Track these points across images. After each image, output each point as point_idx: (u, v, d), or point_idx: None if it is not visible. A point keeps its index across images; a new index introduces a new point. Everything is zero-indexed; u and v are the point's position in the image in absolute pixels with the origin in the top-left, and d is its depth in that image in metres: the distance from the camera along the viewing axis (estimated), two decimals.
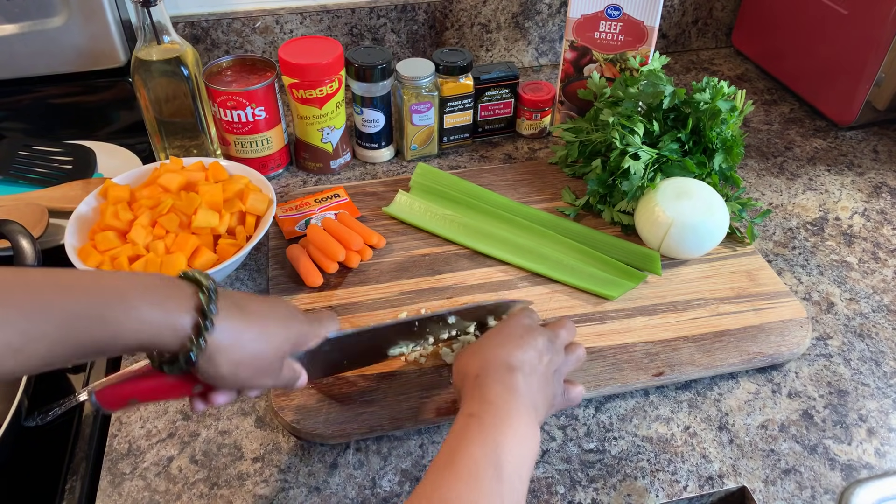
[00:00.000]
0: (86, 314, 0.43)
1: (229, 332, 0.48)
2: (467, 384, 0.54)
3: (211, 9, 1.05)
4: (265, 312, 0.53)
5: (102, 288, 0.44)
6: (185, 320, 0.46)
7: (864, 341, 0.76)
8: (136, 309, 0.44)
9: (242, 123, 0.89)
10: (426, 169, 0.90)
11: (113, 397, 0.51)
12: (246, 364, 0.50)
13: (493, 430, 0.49)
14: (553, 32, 1.20)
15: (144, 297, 0.45)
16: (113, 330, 0.44)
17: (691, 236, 0.78)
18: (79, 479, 0.62)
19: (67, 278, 0.44)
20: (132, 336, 0.44)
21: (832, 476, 0.63)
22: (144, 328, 0.45)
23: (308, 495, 0.61)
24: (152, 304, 0.45)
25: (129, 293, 0.44)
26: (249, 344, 0.50)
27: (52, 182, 0.89)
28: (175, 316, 0.46)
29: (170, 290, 0.47)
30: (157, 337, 0.45)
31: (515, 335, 0.57)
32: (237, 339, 0.49)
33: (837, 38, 1.03)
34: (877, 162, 1.02)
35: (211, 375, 0.49)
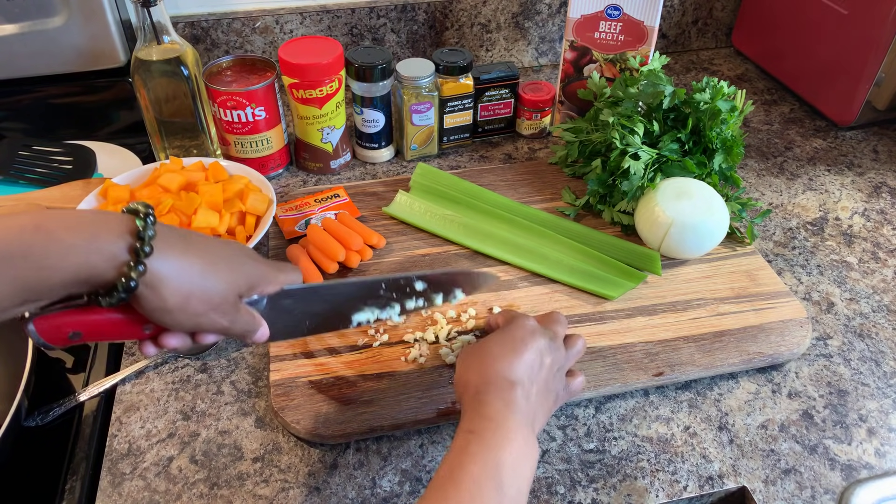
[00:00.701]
0: (8, 253, 0.41)
1: (173, 261, 0.46)
2: (467, 397, 0.54)
3: (211, 9, 1.05)
4: (214, 247, 0.50)
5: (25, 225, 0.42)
6: (118, 245, 0.43)
7: (864, 341, 0.76)
8: (63, 240, 0.42)
9: (242, 123, 0.89)
10: (426, 169, 0.90)
11: (53, 328, 0.47)
12: (196, 297, 0.47)
13: (494, 448, 0.49)
14: (553, 32, 1.20)
15: (71, 227, 0.43)
16: (40, 265, 0.41)
17: (691, 236, 0.78)
18: (79, 479, 0.62)
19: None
20: (62, 269, 0.42)
21: (832, 476, 0.63)
22: (74, 259, 0.42)
23: (308, 495, 0.61)
24: (80, 233, 0.43)
25: (54, 226, 0.42)
26: (198, 276, 0.47)
27: (52, 182, 0.89)
28: (107, 242, 0.43)
29: (101, 219, 0.44)
30: (90, 266, 0.43)
31: (515, 344, 0.57)
32: (182, 268, 0.46)
33: (837, 38, 1.03)
34: (877, 162, 1.02)
35: (157, 308, 0.46)
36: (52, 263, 0.42)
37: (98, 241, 0.43)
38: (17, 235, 0.42)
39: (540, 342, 0.58)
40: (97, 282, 0.44)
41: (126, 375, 0.69)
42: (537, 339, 0.58)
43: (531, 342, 0.57)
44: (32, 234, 0.42)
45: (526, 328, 0.59)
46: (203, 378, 0.70)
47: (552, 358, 0.58)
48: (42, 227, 0.42)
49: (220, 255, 0.50)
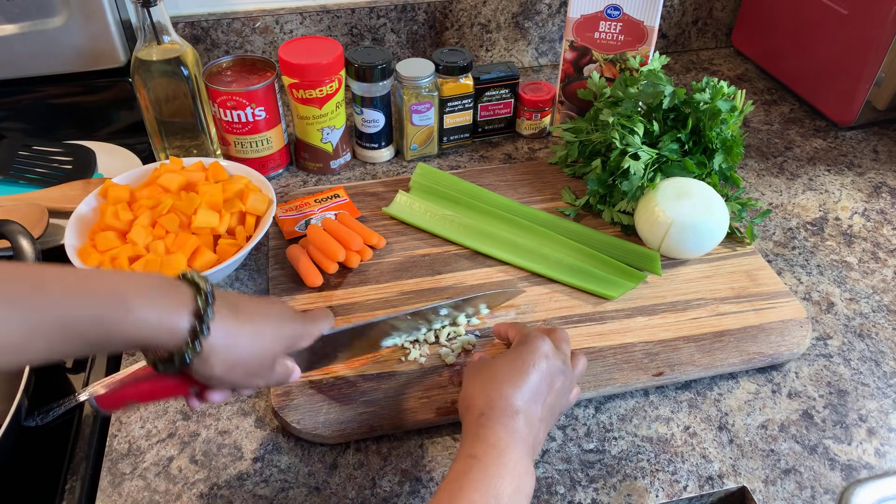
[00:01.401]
0: (86, 315, 0.44)
1: (223, 335, 0.49)
2: (470, 418, 0.54)
3: (211, 9, 1.06)
4: (259, 314, 0.54)
5: (103, 289, 0.45)
6: (182, 323, 0.47)
7: (864, 341, 0.76)
8: (135, 311, 0.45)
9: (242, 123, 0.89)
10: (426, 169, 0.90)
11: (112, 401, 0.53)
12: (239, 365, 0.52)
13: (495, 477, 0.49)
14: (553, 32, 1.20)
15: (143, 298, 0.46)
16: (111, 330, 0.44)
17: (691, 236, 0.78)
18: (79, 479, 0.62)
19: (69, 278, 0.45)
20: (130, 337, 0.45)
21: (832, 476, 0.63)
22: (142, 330, 0.45)
23: (308, 495, 0.61)
24: (151, 306, 0.46)
25: (129, 294, 0.45)
26: (243, 346, 0.51)
27: (52, 182, 0.89)
28: (173, 319, 0.46)
29: (168, 292, 0.47)
30: (155, 338, 0.47)
31: (525, 367, 0.56)
32: (231, 341, 0.50)
33: (837, 38, 1.03)
34: (877, 162, 1.02)
35: (205, 376, 0.50)
36: (123, 330, 0.45)
37: (166, 319, 0.46)
38: (96, 300, 0.44)
39: (552, 365, 0.57)
40: (155, 350, 0.49)
41: (127, 374, 0.69)
42: (550, 362, 0.57)
43: (542, 365, 0.57)
44: (110, 299, 0.45)
45: (538, 351, 0.58)
46: None
47: (563, 381, 0.58)
48: (119, 296, 0.45)
49: (264, 323, 0.54)
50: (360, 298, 0.77)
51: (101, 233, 0.74)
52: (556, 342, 0.61)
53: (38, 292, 0.43)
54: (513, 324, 0.66)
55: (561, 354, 0.59)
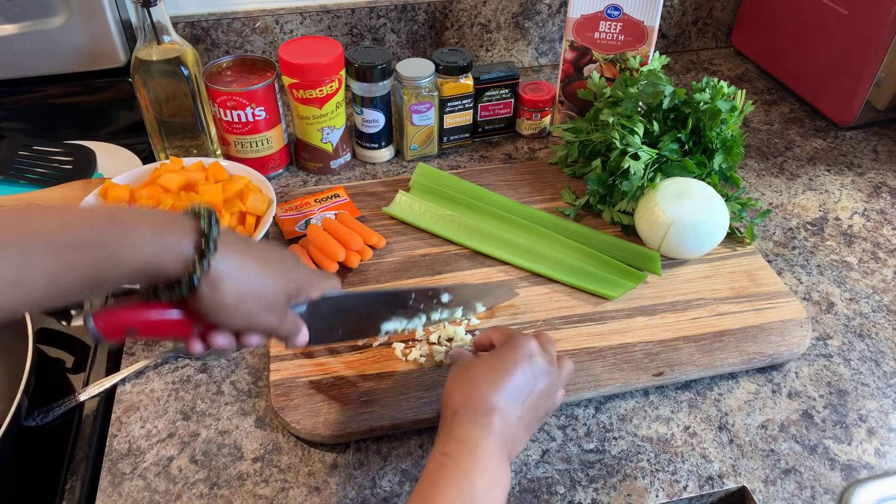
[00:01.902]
0: (83, 240, 0.42)
1: (232, 260, 0.47)
2: (446, 416, 0.54)
3: (211, 9, 1.06)
4: (268, 251, 0.53)
5: (100, 216, 0.44)
6: (186, 242, 0.45)
7: (864, 341, 0.76)
8: (135, 233, 0.44)
9: (242, 123, 0.89)
10: (426, 169, 0.90)
11: (111, 323, 0.49)
12: (250, 296, 0.50)
13: (468, 472, 0.49)
14: (553, 32, 1.20)
15: (143, 222, 0.45)
16: (111, 254, 0.43)
17: (691, 236, 0.78)
18: (79, 479, 0.62)
19: (65, 210, 0.44)
20: (132, 260, 0.44)
21: (832, 476, 0.63)
22: (144, 251, 0.44)
23: (308, 495, 0.61)
24: (151, 228, 0.45)
25: (127, 219, 0.44)
26: (253, 276, 0.49)
27: (52, 182, 0.89)
28: (176, 239, 0.45)
29: (169, 217, 0.47)
30: (158, 260, 0.45)
31: (506, 366, 0.56)
32: (240, 268, 0.48)
33: (837, 38, 1.03)
34: (877, 162, 1.02)
35: (214, 304, 0.48)
36: (123, 253, 0.43)
37: (167, 236, 0.45)
38: (91, 225, 0.43)
39: (536, 366, 0.57)
40: (161, 276, 0.46)
41: (126, 375, 0.69)
42: (533, 362, 0.57)
43: (524, 365, 0.56)
44: (107, 224, 0.43)
45: (522, 350, 0.57)
46: (203, 378, 0.70)
47: (547, 383, 0.57)
48: (116, 219, 0.44)
49: (274, 258, 0.52)
50: None
51: None
52: (542, 344, 0.60)
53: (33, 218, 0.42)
54: (496, 328, 0.64)
55: (547, 355, 0.59)
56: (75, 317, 0.69)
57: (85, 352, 0.72)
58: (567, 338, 0.72)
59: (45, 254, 0.41)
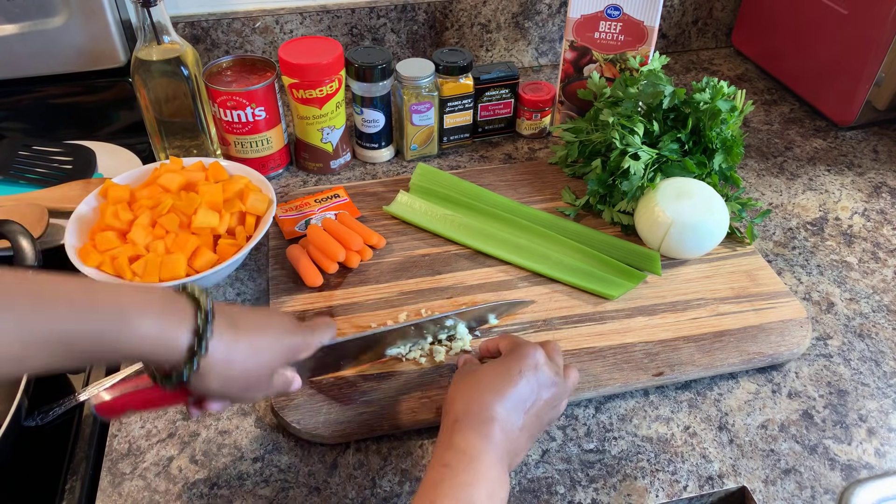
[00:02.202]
0: (85, 329, 0.44)
1: (221, 352, 0.49)
2: (446, 424, 0.54)
3: (211, 9, 1.06)
4: (258, 328, 0.53)
5: (104, 304, 0.45)
6: (181, 340, 0.47)
7: (864, 341, 0.76)
8: (136, 327, 0.45)
9: (242, 123, 0.89)
10: (426, 169, 0.90)
11: (111, 409, 0.54)
12: (236, 380, 0.52)
13: (466, 485, 0.49)
14: (553, 32, 1.20)
15: (144, 315, 0.46)
16: (111, 345, 0.45)
17: (691, 236, 0.78)
18: (79, 479, 0.62)
19: (71, 291, 0.45)
20: (129, 352, 0.46)
21: (832, 476, 0.63)
22: (142, 345, 0.46)
23: (308, 495, 0.61)
24: (151, 322, 0.46)
25: (130, 310, 0.45)
26: (240, 362, 0.51)
27: (52, 182, 0.89)
28: (172, 336, 0.47)
29: (169, 308, 0.48)
30: (154, 354, 0.47)
31: (510, 376, 0.55)
32: (228, 358, 0.50)
33: (837, 38, 1.03)
34: (877, 162, 1.02)
35: (202, 390, 0.51)
36: (121, 346, 0.45)
37: (166, 336, 0.47)
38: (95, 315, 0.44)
39: (541, 376, 0.56)
40: (153, 365, 0.50)
41: (126, 375, 0.69)
42: (539, 372, 0.56)
43: (529, 375, 0.56)
44: (114, 319, 0.45)
45: (527, 360, 0.57)
46: None
47: (552, 394, 0.57)
48: (120, 311, 0.45)
49: (262, 338, 0.54)
50: (360, 298, 0.77)
51: (101, 233, 0.74)
52: (550, 353, 0.60)
53: (38, 305, 0.43)
54: (504, 335, 0.64)
55: (554, 366, 0.58)
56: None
57: None
58: (567, 338, 0.72)
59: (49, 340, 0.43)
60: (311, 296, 0.77)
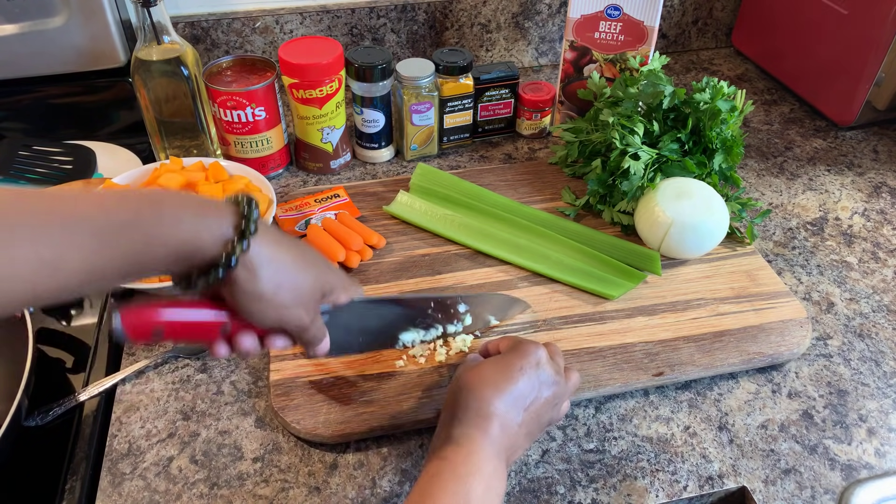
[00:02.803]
0: (122, 221, 0.41)
1: (271, 248, 0.47)
2: (446, 416, 0.54)
3: (211, 9, 1.05)
4: (303, 247, 0.53)
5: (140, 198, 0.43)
6: (226, 223, 0.45)
7: (864, 341, 0.76)
8: (175, 214, 0.43)
9: (242, 123, 0.89)
10: (426, 169, 0.90)
11: (139, 321, 0.46)
12: (287, 286, 0.49)
13: (464, 476, 0.49)
14: (553, 32, 1.20)
15: (183, 205, 0.44)
16: (150, 234, 0.42)
17: (691, 236, 0.78)
18: (79, 479, 0.62)
19: (104, 192, 0.43)
20: (170, 240, 0.42)
21: (832, 476, 0.63)
22: (183, 231, 0.43)
23: (308, 495, 0.61)
24: (191, 209, 0.44)
25: (167, 201, 0.43)
26: (291, 267, 0.49)
27: (52, 182, 0.89)
28: (216, 220, 0.44)
29: (209, 201, 0.46)
30: (197, 239, 0.43)
31: (512, 372, 0.55)
32: (278, 257, 0.48)
33: (837, 38, 1.03)
34: (877, 162, 1.02)
35: (250, 292, 0.47)
36: (162, 233, 0.42)
37: (206, 216, 0.44)
38: (130, 206, 0.42)
39: (542, 374, 0.57)
40: (200, 257, 0.44)
41: (126, 375, 0.69)
42: (540, 370, 0.57)
43: (530, 372, 0.56)
44: (146, 205, 0.43)
45: (529, 358, 0.57)
46: (203, 378, 0.70)
47: (552, 392, 0.57)
48: (156, 201, 0.43)
49: (309, 254, 0.52)
50: None
51: None
52: (551, 354, 0.60)
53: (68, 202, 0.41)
54: (505, 336, 0.64)
55: (554, 365, 0.59)
56: (75, 316, 0.69)
57: (85, 352, 0.72)
58: (567, 338, 0.72)
59: (83, 236, 0.40)
60: None
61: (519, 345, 0.59)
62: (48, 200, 0.41)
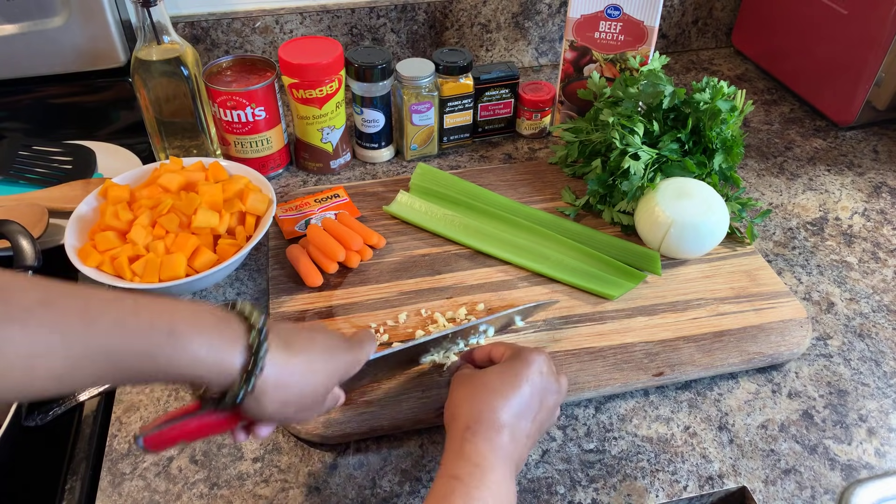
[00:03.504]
0: (135, 349, 0.42)
1: (276, 373, 0.47)
2: (454, 431, 0.53)
3: (211, 9, 1.06)
4: (312, 348, 0.52)
5: (155, 322, 0.43)
6: (234, 360, 0.45)
7: (864, 341, 0.76)
8: (186, 347, 0.43)
9: (242, 123, 0.89)
10: (426, 169, 0.90)
11: (160, 441, 0.51)
12: (292, 402, 0.50)
13: (478, 499, 0.48)
14: (553, 32, 1.20)
15: (194, 333, 0.44)
16: (161, 365, 0.43)
17: (691, 236, 0.78)
18: (79, 479, 0.62)
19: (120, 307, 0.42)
20: (180, 373, 0.44)
21: (832, 476, 0.63)
22: (193, 366, 0.44)
23: (308, 495, 0.61)
24: (203, 342, 0.44)
25: (181, 329, 0.43)
26: (296, 383, 0.49)
27: (52, 182, 0.89)
28: (225, 355, 0.45)
29: (220, 327, 0.46)
30: (206, 375, 0.45)
31: (517, 379, 0.55)
32: (284, 379, 0.48)
33: (837, 38, 1.03)
34: (877, 162, 1.02)
35: (256, 414, 0.48)
36: (171, 367, 0.43)
37: (219, 356, 0.45)
38: (148, 337, 0.42)
39: (546, 382, 0.56)
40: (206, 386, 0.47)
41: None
42: (544, 378, 0.56)
43: (536, 380, 0.56)
44: (164, 337, 0.43)
45: (533, 365, 0.57)
46: None
47: (554, 400, 0.57)
48: (172, 331, 0.43)
49: (317, 358, 0.52)
50: (360, 298, 0.77)
51: (101, 233, 0.74)
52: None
53: (86, 321, 0.40)
54: (495, 343, 0.63)
55: (553, 367, 0.59)
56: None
57: None
58: (567, 338, 0.72)
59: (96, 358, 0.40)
60: (310, 296, 0.77)
61: (521, 353, 0.58)
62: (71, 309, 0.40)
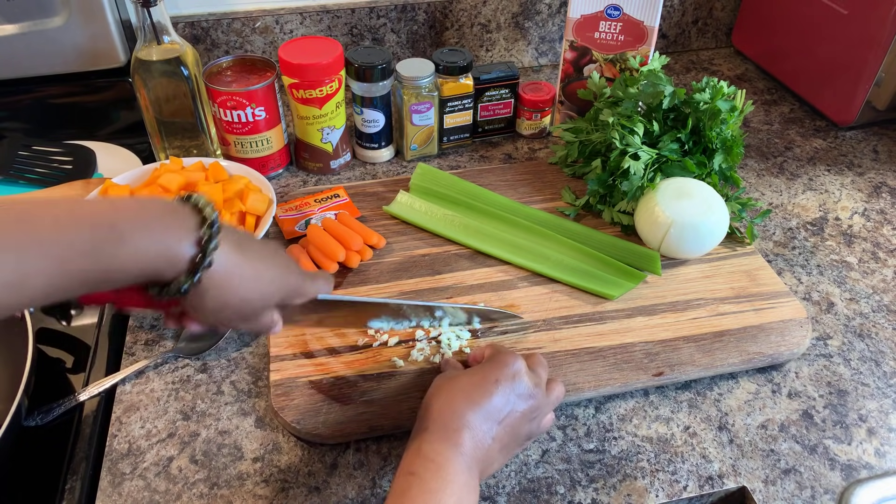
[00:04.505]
0: (79, 249, 0.41)
1: (224, 271, 0.46)
2: (415, 433, 0.53)
3: (211, 9, 1.06)
4: (263, 257, 0.51)
5: (94, 220, 0.42)
6: (184, 251, 0.44)
7: (864, 341, 0.76)
8: (128, 241, 0.42)
9: (242, 123, 0.89)
10: (426, 169, 0.90)
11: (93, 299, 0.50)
12: (232, 305, 0.49)
13: (435, 492, 0.48)
14: (553, 32, 1.20)
15: (138, 227, 0.43)
16: (107, 263, 0.42)
17: (691, 236, 0.78)
18: (79, 479, 0.62)
19: (61, 211, 0.42)
20: (128, 268, 0.43)
21: (832, 476, 0.63)
22: (137, 259, 0.43)
23: (308, 495, 0.61)
24: (145, 234, 0.43)
25: (121, 223, 0.43)
26: (241, 287, 0.49)
27: (52, 182, 0.89)
28: (173, 248, 0.44)
29: (167, 220, 0.45)
30: (153, 269, 0.44)
31: (487, 384, 0.55)
32: (231, 280, 0.48)
33: (837, 38, 1.03)
34: (877, 162, 1.02)
35: (195, 308, 0.48)
36: (119, 265, 0.42)
37: (166, 246, 0.44)
38: (90, 232, 0.42)
39: (519, 386, 0.56)
40: (153, 280, 0.46)
41: (126, 375, 0.69)
42: (516, 382, 0.56)
43: (506, 384, 0.55)
44: (106, 232, 0.42)
45: (506, 369, 0.56)
46: (203, 378, 0.70)
47: (529, 405, 0.56)
48: (116, 227, 0.42)
49: (266, 268, 0.51)
50: None
51: None
52: (532, 366, 0.60)
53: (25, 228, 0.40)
54: (491, 345, 0.64)
55: (534, 377, 0.58)
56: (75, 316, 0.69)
57: (85, 352, 0.72)
58: (567, 338, 0.72)
59: (43, 260, 0.40)
60: None
61: (497, 356, 0.58)
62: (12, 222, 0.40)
